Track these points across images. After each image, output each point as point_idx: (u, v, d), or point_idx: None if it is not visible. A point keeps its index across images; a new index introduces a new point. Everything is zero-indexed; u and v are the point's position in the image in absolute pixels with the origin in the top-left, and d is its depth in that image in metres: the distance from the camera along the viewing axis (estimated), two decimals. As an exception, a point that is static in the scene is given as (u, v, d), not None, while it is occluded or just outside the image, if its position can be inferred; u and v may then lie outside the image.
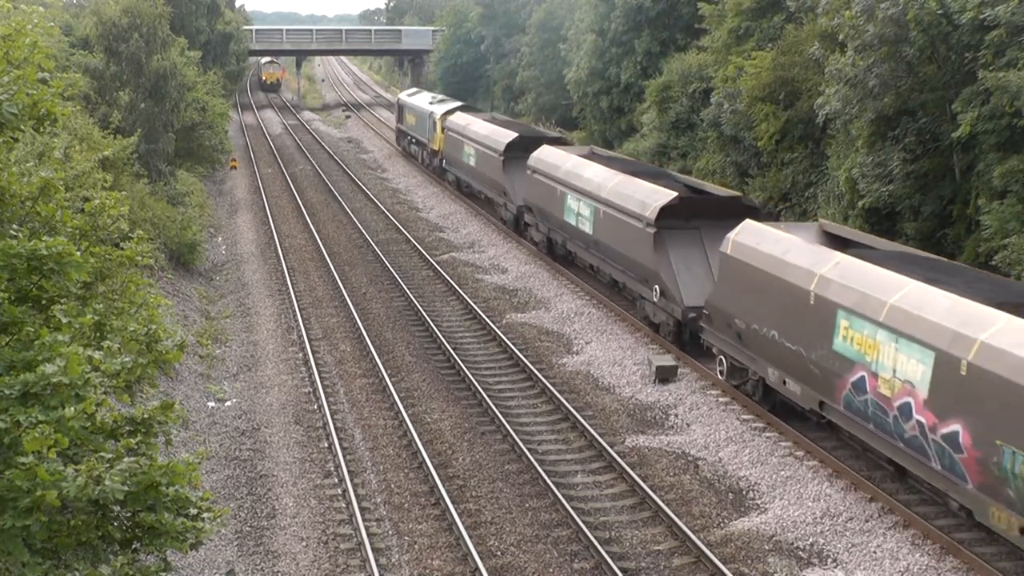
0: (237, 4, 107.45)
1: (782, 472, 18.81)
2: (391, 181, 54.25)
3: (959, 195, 26.16)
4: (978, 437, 14.87)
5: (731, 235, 21.94)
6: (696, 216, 25.64)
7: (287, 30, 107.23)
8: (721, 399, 22.31)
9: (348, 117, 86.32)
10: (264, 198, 48.20)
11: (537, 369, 24.26)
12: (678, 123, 43.37)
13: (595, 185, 29.32)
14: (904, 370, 16.41)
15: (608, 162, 31.64)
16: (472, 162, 42.18)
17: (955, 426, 15.34)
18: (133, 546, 9.41)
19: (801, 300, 18.99)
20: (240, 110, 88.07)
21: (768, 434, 20.41)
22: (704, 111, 39.63)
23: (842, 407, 18.28)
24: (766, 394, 21.05)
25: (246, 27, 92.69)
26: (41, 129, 11.26)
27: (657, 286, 25.33)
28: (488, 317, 28.45)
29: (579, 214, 30.19)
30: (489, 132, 40.54)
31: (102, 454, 8.97)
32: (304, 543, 16.70)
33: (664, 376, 23.43)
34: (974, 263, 24.09)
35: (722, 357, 22.48)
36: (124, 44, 36.29)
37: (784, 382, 19.99)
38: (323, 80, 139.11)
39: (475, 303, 29.87)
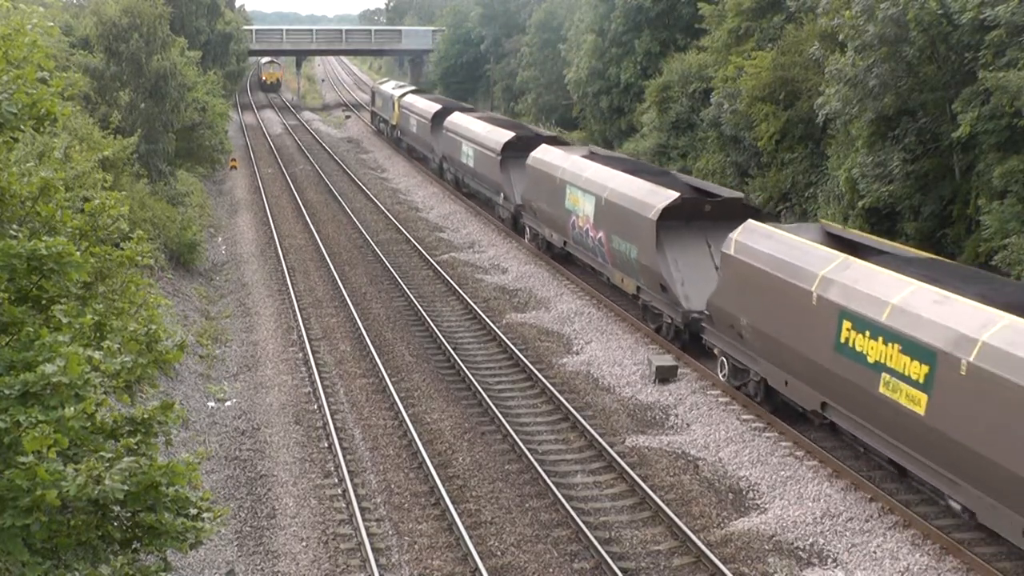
0: (237, 4, 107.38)
1: (782, 472, 18.81)
2: (391, 181, 54.26)
3: (959, 195, 26.17)
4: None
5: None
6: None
7: (287, 30, 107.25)
8: (721, 399, 22.31)
9: (348, 117, 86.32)
10: (264, 198, 48.20)
11: (537, 369, 24.26)
12: (678, 123, 43.39)
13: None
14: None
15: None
16: (414, 129, 55.60)
17: None
18: (133, 546, 9.39)
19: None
20: (240, 110, 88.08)
21: (768, 434, 20.41)
22: (704, 111, 39.65)
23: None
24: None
25: (246, 27, 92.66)
26: (41, 129, 11.24)
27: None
28: (488, 317, 28.45)
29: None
30: (425, 106, 53.62)
31: (102, 454, 8.96)
32: (304, 543, 16.70)
33: (664, 376, 23.43)
34: (974, 263, 24.10)
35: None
36: (124, 44, 36.28)
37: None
38: (323, 80, 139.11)
39: (475, 303, 29.88)
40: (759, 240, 21.10)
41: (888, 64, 26.05)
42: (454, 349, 25.72)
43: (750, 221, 22.20)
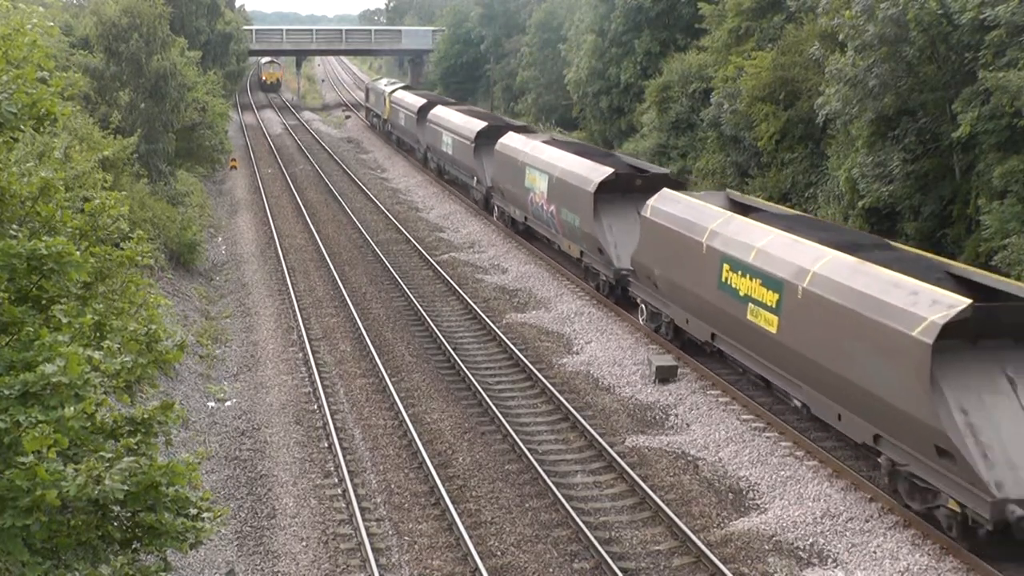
0: (237, 4, 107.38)
1: (782, 472, 18.81)
2: (391, 181, 54.27)
3: (959, 195, 26.17)
4: None
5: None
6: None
7: (287, 30, 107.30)
8: (721, 399, 22.32)
9: (348, 117, 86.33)
10: (264, 198, 48.21)
11: (537, 369, 24.26)
12: (678, 123, 43.39)
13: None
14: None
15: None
16: (402, 122, 60.43)
17: None
18: (133, 546, 9.40)
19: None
20: (240, 110, 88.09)
21: (768, 434, 20.42)
22: (704, 111, 39.65)
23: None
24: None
25: (246, 27, 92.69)
26: (41, 129, 11.24)
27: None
28: (488, 317, 28.46)
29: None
30: (412, 101, 58.25)
31: (102, 454, 8.96)
32: (304, 543, 16.70)
33: (664, 376, 23.44)
34: (974, 263, 24.10)
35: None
36: (124, 44, 36.28)
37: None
38: (323, 80, 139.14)
39: (475, 303, 29.88)
40: (669, 204, 24.80)
41: (888, 64, 26.05)
42: (454, 349, 25.73)
43: (665, 189, 25.94)
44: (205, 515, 9.51)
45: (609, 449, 19.76)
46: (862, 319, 16.91)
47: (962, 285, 17.39)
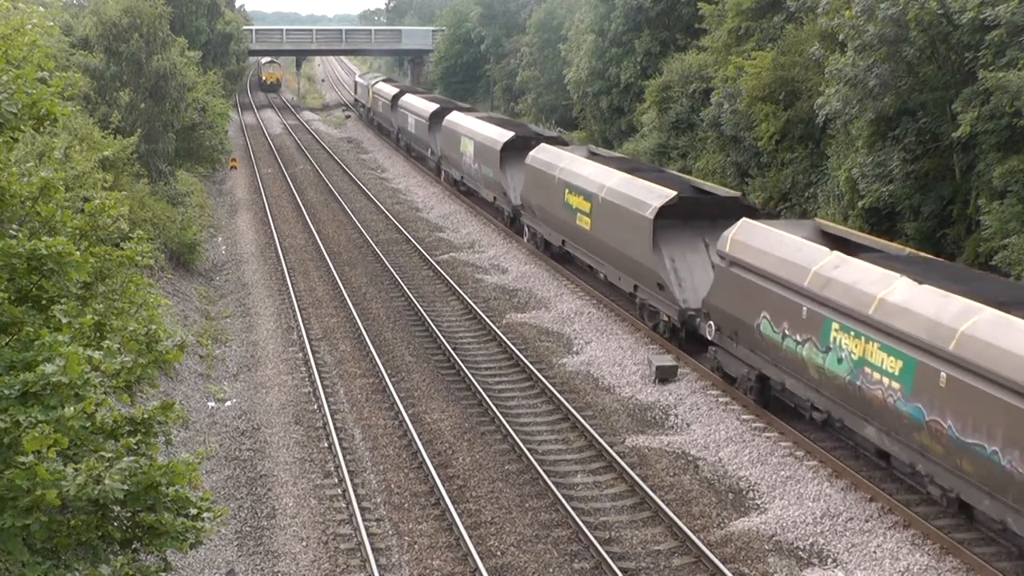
0: (237, 4, 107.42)
1: (782, 472, 18.81)
2: (391, 181, 54.28)
3: (959, 195, 26.17)
4: None
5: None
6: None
7: (287, 30, 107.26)
8: (721, 399, 22.32)
9: (348, 117, 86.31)
10: (264, 198, 48.21)
11: (537, 369, 24.26)
12: (678, 123, 43.36)
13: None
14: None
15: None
16: (381, 109, 68.72)
17: None
18: (133, 546, 9.40)
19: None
20: (240, 110, 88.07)
21: (768, 434, 20.42)
22: (704, 111, 39.63)
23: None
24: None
25: (246, 27, 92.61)
26: (41, 129, 11.24)
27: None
28: (488, 317, 28.45)
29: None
30: (388, 91, 66.23)
31: (102, 454, 8.96)
32: (304, 543, 16.70)
33: (664, 376, 23.43)
34: (974, 263, 24.10)
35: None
36: (124, 44, 36.26)
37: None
38: (323, 80, 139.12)
39: (475, 303, 29.88)
40: (545, 153, 33.63)
41: (888, 64, 26.05)
42: (454, 349, 25.72)
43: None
44: (205, 515, 9.52)
45: (609, 449, 19.76)
46: (627, 211, 26.37)
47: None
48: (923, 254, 21.10)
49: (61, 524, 8.71)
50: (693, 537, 16.39)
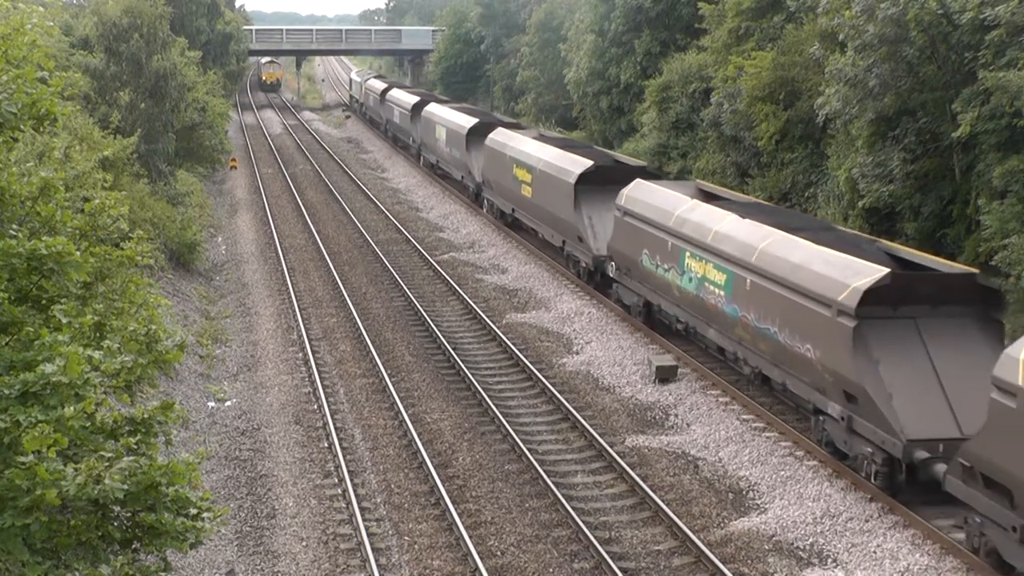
0: (237, 4, 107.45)
1: (782, 472, 18.81)
2: (391, 181, 54.28)
3: (959, 195, 26.15)
4: None
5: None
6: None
7: (287, 30, 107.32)
8: (721, 399, 22.32)
9: (348, 117, 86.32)
10: (264, 198, 48.21)
11: (537, 369, 24.26)
12: (678, 123, 43.34)
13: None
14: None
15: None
16: (370, 102, 75.17)
17: None
18: (133, 546, 9.40)
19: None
20: (240, 110, 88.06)
21: (768, 434, 20.42)
22: (704, 111, 39.62)
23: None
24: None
25: (246, 27, 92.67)
26: (41, 129, 11.24)
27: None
28: (488, 317, 28.46)
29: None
30: (377, 86, 72.76)
31: (102, 454, 8.96)
32: (304, 543, 16.70)
33: (664, 376, 23.43)
34: (974, 263, 24.07)
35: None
36: (124, 44, 36.26)
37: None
38: (323, 80, 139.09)
39: (475, 303, 29.88)
40: (501, 136, 38.46)
41: (888, 64, 26.03)
42: (454, 349, 25.72)
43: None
44: (205, 515, 9.51)
45: (609, 449, 19.76)
46: (556, 179, 30.96)
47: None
48: (762, 202, 28.24)
49: (61, 524, 8.71)
50: (693, 537, 16.39)
